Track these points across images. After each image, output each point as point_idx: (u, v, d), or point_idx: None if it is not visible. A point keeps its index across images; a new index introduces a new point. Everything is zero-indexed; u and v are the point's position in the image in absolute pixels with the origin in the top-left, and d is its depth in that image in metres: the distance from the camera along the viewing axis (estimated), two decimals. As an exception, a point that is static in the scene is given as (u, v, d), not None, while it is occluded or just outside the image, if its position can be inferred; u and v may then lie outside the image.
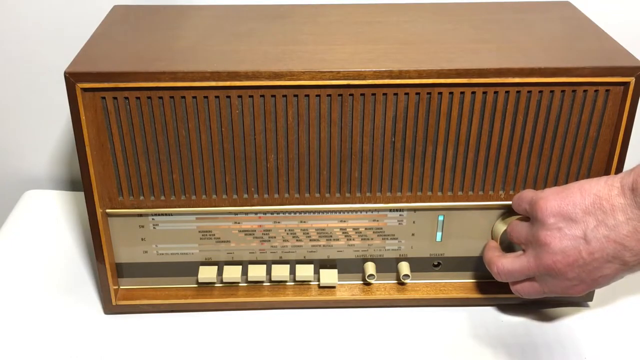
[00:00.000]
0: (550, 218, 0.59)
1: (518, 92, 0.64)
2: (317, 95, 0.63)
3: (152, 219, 0.70)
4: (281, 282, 0.75)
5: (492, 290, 0.74)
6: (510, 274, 0.65)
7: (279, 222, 0.71)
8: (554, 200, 0.59)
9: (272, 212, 0.70)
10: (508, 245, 0.70)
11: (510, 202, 0.69)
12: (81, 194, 0.68)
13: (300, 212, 0.70)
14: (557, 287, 0.62)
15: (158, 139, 0.65)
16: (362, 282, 0.75)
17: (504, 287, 0.68)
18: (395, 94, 0.63)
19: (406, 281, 0.74)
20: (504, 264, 0.65)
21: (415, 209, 0.71)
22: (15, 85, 0.92)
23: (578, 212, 0.57)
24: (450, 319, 0.73)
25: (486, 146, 0.66)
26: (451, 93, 0.63)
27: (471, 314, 0.73)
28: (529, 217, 0.63)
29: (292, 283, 0.75)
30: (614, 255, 0.57)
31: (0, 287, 0.78)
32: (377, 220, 0.71)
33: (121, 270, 0.73)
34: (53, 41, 0.88)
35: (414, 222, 0.71)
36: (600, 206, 0.56)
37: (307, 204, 0.69)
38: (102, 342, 0.70)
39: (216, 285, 0.75)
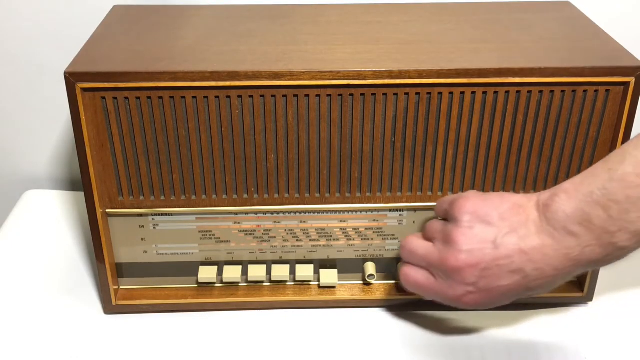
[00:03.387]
0: (465, 215, 0.58)
1: (518, 92, 0.64)
2: (317, 95, 0.63)
3: (152, 219, 0.70)
4: (281, 282, 0.75)
5: (492, 290, 0.74)
6: (411, 253, 0.63)
7: (279, 222, 0.71)
8: (473, 201, 0.59)
9: (272, 212, 0.70)
10: None
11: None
12: (81, 194, 0.68)
13: (300, 212, 0.70)
14: (449, 290, 0.60)
15: (158, 139, 0.65)
16: (362, 282, 0.75)
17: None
18: (395, 94, 0.64)
19: (406, 281, 0.74)
20: (412, 240, 0.63)
21: (415, 209, 0.71)
22: (15, 85, 0.92)
23: (494, 215, 0.57)
24: (450, 319, 0.73)
25: (486, 146, 0.66)
26: (451, 93, 0.63)
27: (471, 314, 0.73)
28: (447, 217, 0.61)
29: (292, 283, 0.75)
30: (517, 266, 0.56)
31: (0, 287, 0.78)
32: (377, 220, 0.71)
33: (121, 270, 0.73)
34: (53, 41, 0.88)
35: (414, 222, 0.71)
36: (517, 214, 0.56)
37: (307, 204, 0.69)
38: (102, 342, 0.70)
39: (216, 285, 0.75)
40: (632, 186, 0.50)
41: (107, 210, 0.69)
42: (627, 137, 0.65)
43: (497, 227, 0.57)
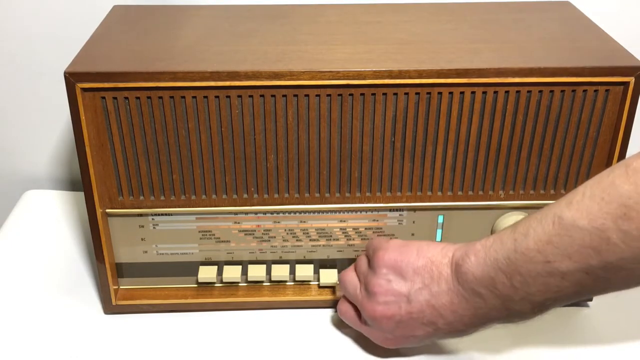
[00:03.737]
0: (383, 268, 0.61)
1: (518, 92, 0.64)
2: (317, 95, 0.63)
3: (152, 218, 0.70)
4: (281, 282, 0.75)
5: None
6: (344, 289, 0.67)
7: (278, 222, 0.71)
8: (392, 254, 0.61)
9: (272, 212, 0.70)
10: None
11: (511, 203, 0.69)
12: (81, 194, 0.68)
13: (300, 212, 0.70)
14: (371, 332, 0.65)
15: (158, 139, 0.65)
16: (362, 282, 0.75)
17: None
18: (395, 94, 0.64)
19: (406, 281, 0.74)
20: (345, 275, 0.67)
21: (415, 209, 0.71)
22: (15, 85, 0.92)
23: (409, 270, 0.60)
24: (450, 319, 0.73)
25: (486, 146, 0.66)
26: (451, 93, 0.63)
27: (471, 314, 0.73)
28: (370, 262, 0.64)
29: (292, 283, 0.75)
30: (429, 319, 0.59)
31: (0, 287, 0.78)
32: (377, 220, 0.71)
33: (121, 270, 0.73)
34: (53, 41, 0.88)
35: (413, 222, 0.71)
36: (430, 270, 0.59)
37: (306, 204, 0.69)
38: (102, 342, 0.70)
39: (216, 285, 0.75)
40: (533, 261, 0.51)
41: (107, 210, 0.69)
42: (626, 137, 0.65)
43: (411, 281, 0.60)
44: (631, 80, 0.63)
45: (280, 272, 0.73)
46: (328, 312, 0.74)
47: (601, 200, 0.48)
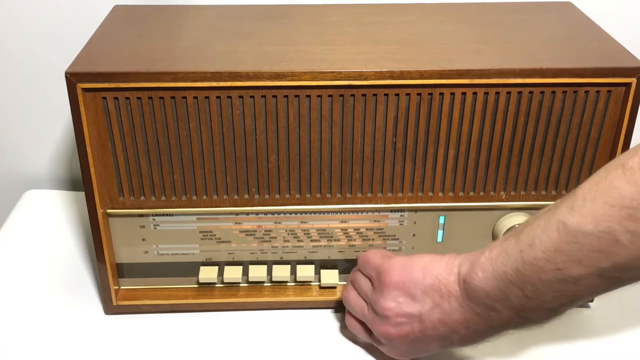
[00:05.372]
0: (392, 291, 0.61)
1: (519, 92, 0.64)
2: (318, 96, 0.63)
3: (153, 219, 0.70)
4: (282, 283, 0.75)
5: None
6: (351, 308, 0.67)
7: (279, 223, 0.71)
8: (398, 275, 0.61)
9: (272, 213, 0.70)
10: None
11: (512, 204, 0.69)
12: (81, 194, 0.68)
13: (301, 212, 0.70)
14: (384, 348, 0.65)
15: (159, 139, 0.65)
16: (362, 282, 0.75)
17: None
18: (397, 95, 0.63)
19: (407, 282, 0.74)
20: (350, 294, 0.67)
21: (416, 210, 0.70)
22: (15, 85, 0.92)
23: (418, 290, 0.60)
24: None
25: (487, 147, 0.66)
26: (452, 94, 0.63)
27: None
28: (372, 282, 0.64)
29: (293, 283, 0.75)
30: (443, 335, 0.59)
31: (0, 287, 0.77)
32: (378, 221, 0.71)
33: (122, 271, 0.73)
34: (53, 41, 0.88)
35: (414, 222, 0.71)
36: (439, 289, 0.58)
37: (308, 205, 0.69)
38: (102, 342, 0.70)
39: (217, 285, 0.74)
40: (543, 270, 0.51)
41: (108, 211, 0.69)
42: (628, 137, 0.65)
43: (422, 301, 0.59)
44: (633, 81, 0.63)
45: (281, 272, 0.73)
46: (329, 313, 0.74)
47: (604, 203, 0.47)
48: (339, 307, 0.74)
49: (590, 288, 0.51)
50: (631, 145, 0.66)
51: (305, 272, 0.73)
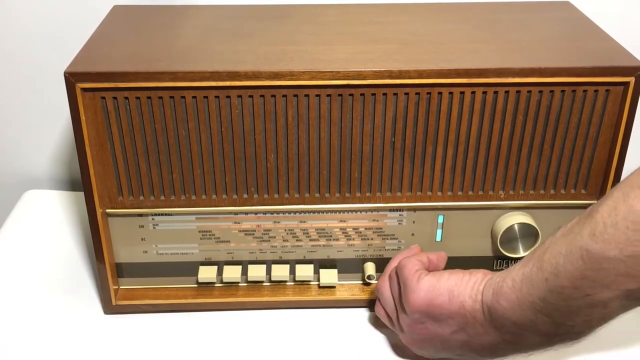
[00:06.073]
0: (416, 314, 0.62)
1: (518, 92, 0.64)
2: (317, 95, 0.63)
3: (152, 219, 0.70)
4: (281, 282, 0.75)
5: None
6: (381, 296, 0.68)
7: (278, 222, 0.71)
8: (424, 299, 0.61)
9: (272, 212, 0.70)
10: (508, 241, 0.70)
11: (511, 203, 0.69)
12: (81, 194, 0.68)
13: (300, 212, 0.70)
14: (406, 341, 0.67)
15: (158, 139, 0.65)
16: (362, 282, 0.75)
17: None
18: (395, 94, 0.64)
19: (406, 281, 0.74)
20: (384, 285, 0.67)
21: (415, 209, 0.71)
22: (15, 85, 0.92)
23: (443, 314, 0.60)
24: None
25: (486, 146, 0.66)
26: (451, 93, 0.63)
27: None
28: (401, 291, 0.64)
29: (292, 283, 0.75)
30: (468, 351, 0.61)
31: (0, 287, 0.78)
32: (377, 220, 0.71)
33: (121, 270, 0.73)
34: (53, 41, 0.88)
35: (413, 222, 0.71)
36: (464, 316, 0.59)
37: (307, 204, 0.69)
38: (102, 342, 0.70)
39: (216, 285, 0.75)
40: (572, 298, 0.51)
41: (107, 210, 0.69)
42: (627, 137, 0.65)
43: (447, 324, 0.60)
44: (631, 80, 0.63)
45: (280, 272, 0.73)
46: (328, 312, 0.74)
47: (626, 228, 0.47)
48: (338, 307, 0.74)
49: (619, 309, 0.51)
50: (630, 145, 0.66)
51: (305, 271, 0.73)
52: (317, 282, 0.75)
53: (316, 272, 0.74)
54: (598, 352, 0.69)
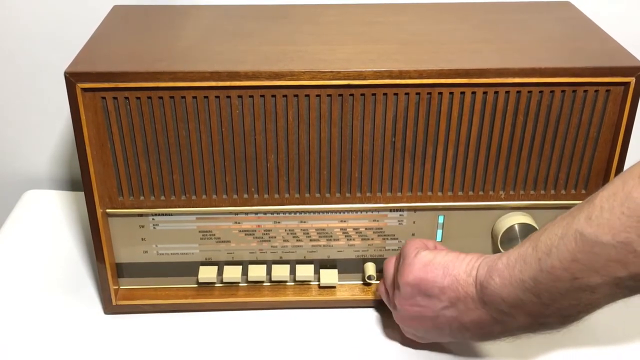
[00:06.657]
0: (407, 287, 0.62)
1: (518, 92, 0.64)
2: (317, 96, 0.63)
3: (152, 219, 0.70)
4: (281, 282, 0.75)
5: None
6: (384, 272, 0.68)
7: (279, 222, 0.71)
8: (417, 273, 0.61)
9: (272, 212, 0.70)
10: (509, 241, 0.70)
11: (511, 203, 0.69)
12: (81, 194, 0.68)
13: (300, 212, 0.70)
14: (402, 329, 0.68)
15: (158, 139, 0.65)
16: (362, 282, 0.75)
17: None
18: (396, 94, 0.64)
19: (406, 281, 0.74)
20: (389, 263, 0.68)
21: (415, 209, 0.71)
22: (15, 85, 0.92)
23: (435, 289, 0.60)
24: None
25: (486, 146, 0.66)
26: (451, 93, 0.63)
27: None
28: (395, 277, 0.65)
29: (292, 283, 0.75)
30: (457, 330, 0.62)
31: (0, 287, 0.78)
32: (377, 220, 0.71)
33: (121, 270, 0.73)
34: (53, 41, 0.88)
35: (414, 222, 0.71)
36: (456, 289, 0.59)
37: (307, 204, 0.69)
38: (102, 342, 0.70)
39: (216, 285, 0.75)
40: (561, 279, 0.51)
41: (107, 210, 0.69)
42: (627, 137, 0.65)
43: (437, 298, 0.61)
44: (631, 80, 0.63)
45: (281, 272, 0.73)
46: (328, 312, 0.74)
47: (621, 214, 0.47)
48: (338, 307, 0.74)
49: (607, 297, 0.51)
50: (630, 145, 0.66)
51: (305, 271, 0.73)
52: (317, 282, 0.75)
53: (316, 272, 0.74)
54: (598, 353, 0.69)
